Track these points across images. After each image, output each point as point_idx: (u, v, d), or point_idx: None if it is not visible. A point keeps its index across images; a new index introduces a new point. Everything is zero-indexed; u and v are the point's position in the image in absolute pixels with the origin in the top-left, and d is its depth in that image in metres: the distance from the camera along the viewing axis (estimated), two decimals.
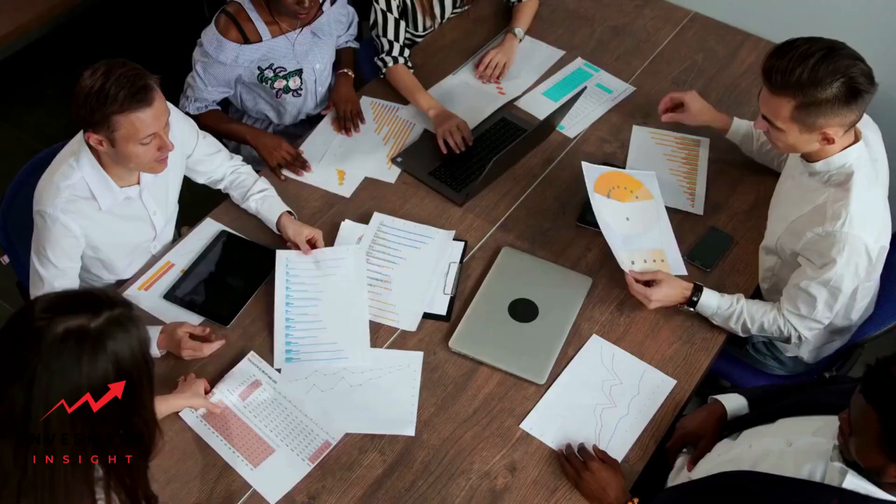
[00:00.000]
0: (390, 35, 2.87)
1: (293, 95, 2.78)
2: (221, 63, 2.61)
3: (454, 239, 2.47)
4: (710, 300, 2.25)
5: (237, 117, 2.91)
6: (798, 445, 1.79)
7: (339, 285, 2.34)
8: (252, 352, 2.21)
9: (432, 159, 2.68)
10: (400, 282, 2.38)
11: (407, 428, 2.10)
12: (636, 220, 2.39)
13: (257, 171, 2.57)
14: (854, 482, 1.64)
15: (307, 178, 2.63)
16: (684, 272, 2.38)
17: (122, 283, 2.38)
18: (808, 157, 2.15)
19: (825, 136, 2.03)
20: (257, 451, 2.04)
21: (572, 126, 2.80)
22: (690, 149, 2.71)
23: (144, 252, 2.41)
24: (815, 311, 2.17)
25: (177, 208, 2.46)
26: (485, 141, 2.74)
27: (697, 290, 2.26)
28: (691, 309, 2.27)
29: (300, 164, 2.63)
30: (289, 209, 2.45)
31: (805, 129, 2.03)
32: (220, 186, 2.53)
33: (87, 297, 1.45)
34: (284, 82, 2.72)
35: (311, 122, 2.88)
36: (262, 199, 2.46)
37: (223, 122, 2.76)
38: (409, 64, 2.91)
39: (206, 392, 2.11)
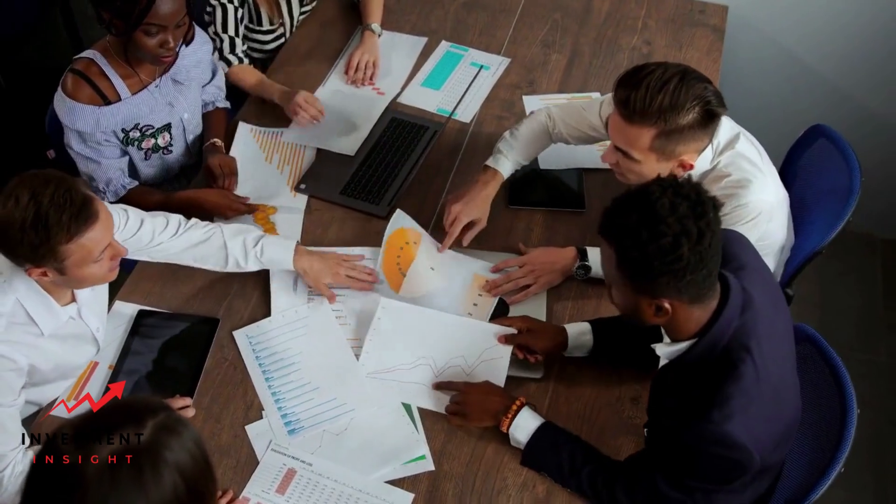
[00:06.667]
0: (231, 30, 2.67)
1: (163, 153, 2.47)
2: (82, 131, 2.26)
3: None
4: (597, 256, 2.14)
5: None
6: None
7: (313, 341, 2.12)
8: (274, 441, 1.96)
9: (339, 177, 2.49)
10: (355, 313, 2.19)
11: (421, 453, 1.94)
12: (437, 265, 2.27)
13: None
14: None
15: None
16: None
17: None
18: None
19: (682, 164, 1.99)
20: None
21: (464, 111, 2.69)
22: None
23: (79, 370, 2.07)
24: None
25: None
26: (384, 145, 2.58)
27: (581, 253, 2.20)
28: (582, 273, 2.21)
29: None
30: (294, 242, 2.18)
31: (663, 157, 1.96)
32: (183, 262, 2.16)
33: (120, 409, 1.21)
34: (153, 140, 2.41)
35: (184, 172, 2.61)
36: (256, 258, 2.14)
37: (151, 199, 2.35)
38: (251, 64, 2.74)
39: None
